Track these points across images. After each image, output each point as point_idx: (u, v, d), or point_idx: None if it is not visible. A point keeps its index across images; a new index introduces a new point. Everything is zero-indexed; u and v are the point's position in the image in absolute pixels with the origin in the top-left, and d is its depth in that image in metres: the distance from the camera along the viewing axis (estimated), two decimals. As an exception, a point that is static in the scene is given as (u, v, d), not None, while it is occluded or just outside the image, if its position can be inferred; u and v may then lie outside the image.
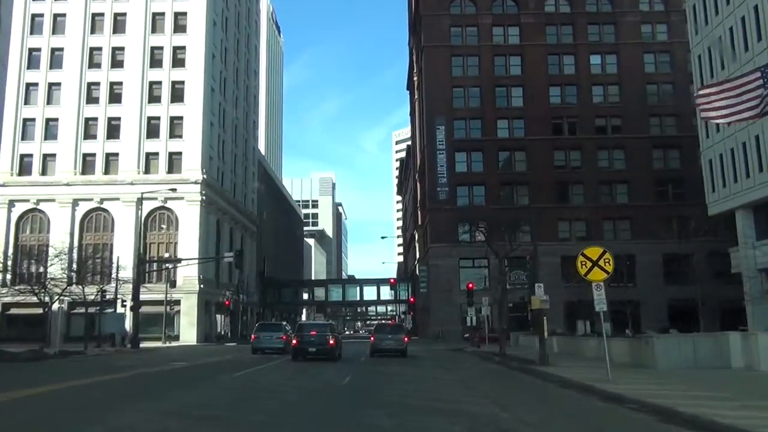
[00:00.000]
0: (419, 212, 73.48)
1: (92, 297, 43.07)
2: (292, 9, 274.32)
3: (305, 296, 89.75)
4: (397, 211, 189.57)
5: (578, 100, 60.81)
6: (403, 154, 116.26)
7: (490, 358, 27.21)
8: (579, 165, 59.57)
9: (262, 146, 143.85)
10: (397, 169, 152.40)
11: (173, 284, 54.58)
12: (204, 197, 58.56)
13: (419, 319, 74.89)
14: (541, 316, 22.21)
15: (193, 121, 59.54)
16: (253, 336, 34.71)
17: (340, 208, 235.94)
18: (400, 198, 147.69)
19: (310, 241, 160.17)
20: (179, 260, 49.73)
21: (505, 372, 21.05)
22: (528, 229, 61.16)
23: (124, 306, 46.70)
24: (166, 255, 57.49)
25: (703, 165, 42.44)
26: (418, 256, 75.99)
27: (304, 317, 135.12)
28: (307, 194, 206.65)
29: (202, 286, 57.42)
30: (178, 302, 56.33)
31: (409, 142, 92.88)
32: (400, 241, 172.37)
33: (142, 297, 56.53)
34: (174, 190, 52.72)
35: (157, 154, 59.66)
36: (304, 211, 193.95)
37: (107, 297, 44.84)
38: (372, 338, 32.83)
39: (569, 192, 59.91)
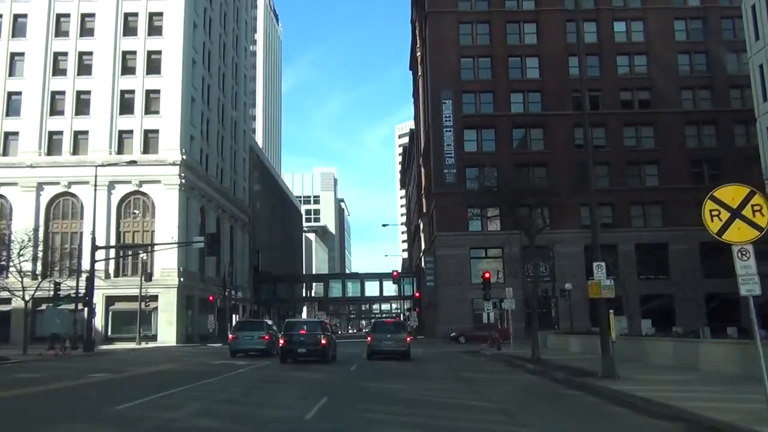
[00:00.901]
0: (424, 200, 67.15)
1: (60, 292, 37.19)
2: (295, 8, 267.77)
3: (305, 293, 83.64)
4: (401, 206, 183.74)
5: (601, 71, 54.44)
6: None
7: (521, 365, 20.91)
8: (603, 143, 53.10)
9: (259, 139, 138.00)
10: (400, 163, 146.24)
11: (149, 277, 48.38)
12: (183, 180, 52.34)
13: (425, 316, 68.59)
14: (604, 309, 16.03)
15: (172, 95, 53.32)
16: (231, 336, 28.92)
17: (342, 203, 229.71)
18: (404, 192, 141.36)
19: (311, 236, 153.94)
20: (142, 246, 43.51)
21: (555, 389, 14.69)
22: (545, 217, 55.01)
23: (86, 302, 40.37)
24: (140, 242, 51.28)
25: (751, 71, 36.44)
26: (423, 247, 69.66)
27: (304, 315, 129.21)
28: (308, 190, 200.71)
29: (182, 279, 51.23)
30: (155, 298, 50.23)
31: (413, 127, 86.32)
32: (405, 237, 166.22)
33: (115, 292, 50.86)
34: (134, 162, 46.43)
35: (131, 132, 53.46)
36: (306, 207, 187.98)
37: (66, 292, 38.81)
38: (369, 338, 26.96)
39: (591, 174, 53.42)
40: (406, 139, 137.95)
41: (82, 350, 32.16)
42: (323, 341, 22.98)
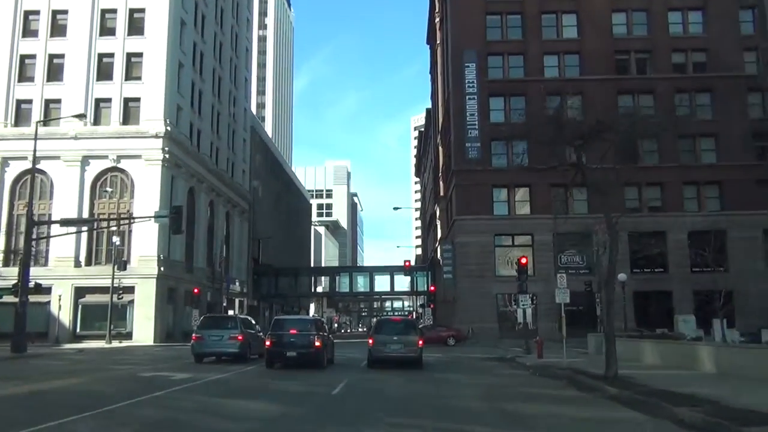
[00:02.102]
0: (441, 183, 59.96)
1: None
2: (311, 4, 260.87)
3: (312, 288, 76.57)
4: (416, 200, 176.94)
5: (649, 30, 46.95)
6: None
7: (595, 388, 13.73)
8: (651, 113, 45.48)
9: (269, 128, 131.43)
10: (415, 147, 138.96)
11: (123, 265, 41.90)
12: (167, 155, 45.71)
13: (441, 313, 61.45)
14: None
15: (156, 59, 46.75)
16: (194, 336, 22.28)
17: (355, 198, 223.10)
18: (418, 180, 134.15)
19: (321, 229, 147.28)
20: (87, 221, 36.85)
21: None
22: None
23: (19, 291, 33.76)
24: (115, 228, 44.71)
25: None
26: (439, 236, 62.46)
27: (312, 312, 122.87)
28: (320, 183, 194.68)
29: (162, 269, 44.63)
30: (131, 289, 43.71)
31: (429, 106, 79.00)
32: (419, 233, 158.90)
33: (86, 283, 44.36)
34: (82, 117, 39.81)
35: (109, 100, 46.96)
36: (318, 201, 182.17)
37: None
38: (370, 341, 20.24)
39: (638, 148, 46.05)
40: (422, 131, 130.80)
41: (10, 350, 25.42)
42: (317, 343, 19.40)
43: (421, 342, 20.19)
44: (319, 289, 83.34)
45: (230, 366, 20.07)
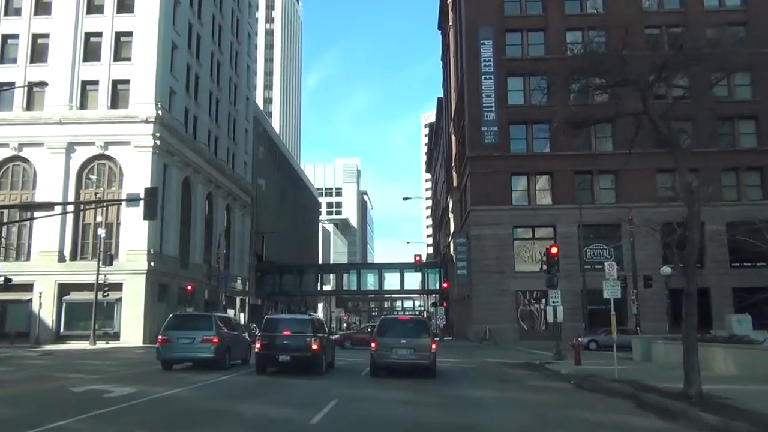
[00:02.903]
0: (454, 173, 56.17)
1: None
2: (321, 4, 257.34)
3: (320, 286, 72.74)
4: (426, 199, 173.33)
5: (682, 2, 43.07)
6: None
7: (673, 411, 9.96)
8: (685, 93, 41.57)
9: (276, 124, 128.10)
10: (425, 145, 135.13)
11: (109, 260, 38.55)
12: (158, 141, 42.32)
13: (454, 313, 57.78)
14: None
15: (147, 39, 43.37)
16: (159, 338, 18.66)
17: (365, 196, 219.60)
18: (429, 177, 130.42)
19: (329, 227, 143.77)
20: (45, 205, 33.37)
21: None
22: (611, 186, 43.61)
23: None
24: (101, 219, 41.36)
25: None
26: (452, 229, 58.63)
27: (320, 312, 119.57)
28: (330, 182, 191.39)
29: (153, 264, 41.22)
30: (119, 286, 40.37)
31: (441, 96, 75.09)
32: (429, 231, 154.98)
33: (72, 279, 41.01)
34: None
35: (96, 82, 43.63)
36: (327, 199, 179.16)
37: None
38: (373, 345, 16.61)
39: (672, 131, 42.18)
40: (432, 123, 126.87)
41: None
42: (314, 346, 17.00)
43: (434, 346, 16.53)
44: (327, 288, 79.68)
45: (199, 375, 16.50)
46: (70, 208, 41.56)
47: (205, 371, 17.42)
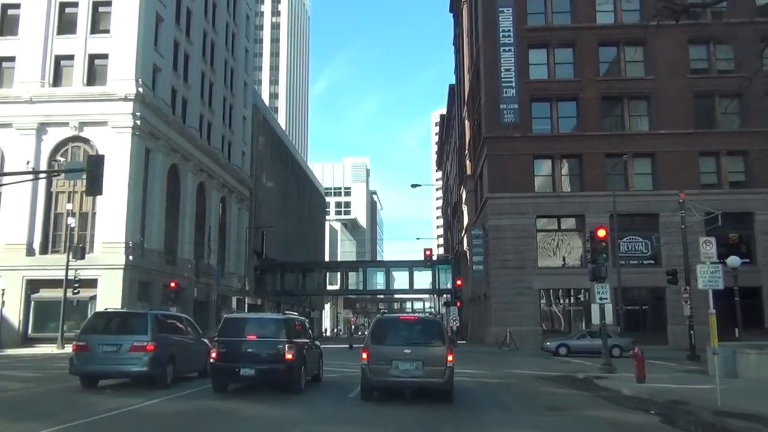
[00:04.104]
0: (468, 162, 51.41)
1: None
2: (333, 7, 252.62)
3: (323, 284, 68.17)
4: (437, 199, 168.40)
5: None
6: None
7: None
8: (730, 68, 36.72)
9: (282, 121, 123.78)
10: (436, 134, 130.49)
11: (81, 253, 34.24)
12: (139, 122, 37.98)
13: (469, 314, 53.02)
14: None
15: (128, 9, 39.08)
16: (75, 345, 14.07)
17: (374, 196, 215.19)
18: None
19: (336, 225, 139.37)
20: None
21: None
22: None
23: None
24: (70, 208, 37.02)
25: None
26: (466, 222, 53.81)
27: (327, 312, 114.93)
28: (339, 181, 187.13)
29: (131, 258, 36.84)
30: (93, 283, 36.05)
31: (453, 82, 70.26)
32: (440, 231, 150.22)
33: (41, 275, 36.67)
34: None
35: (71, 57, 39.39)
36: (336, 199, 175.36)
37: None
38: (365, 355, 11.68)
39: (715, 111, 37.30)
40: (443, 115, 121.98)
41: None
42: (288, 355, 12.75)
43: (450, 357, 11.74)
44: (333, 287, 75.03)
45: (119, 398, 11.67)
46: (41, 198, 37.48)
47: (137, 389, 12.85)
